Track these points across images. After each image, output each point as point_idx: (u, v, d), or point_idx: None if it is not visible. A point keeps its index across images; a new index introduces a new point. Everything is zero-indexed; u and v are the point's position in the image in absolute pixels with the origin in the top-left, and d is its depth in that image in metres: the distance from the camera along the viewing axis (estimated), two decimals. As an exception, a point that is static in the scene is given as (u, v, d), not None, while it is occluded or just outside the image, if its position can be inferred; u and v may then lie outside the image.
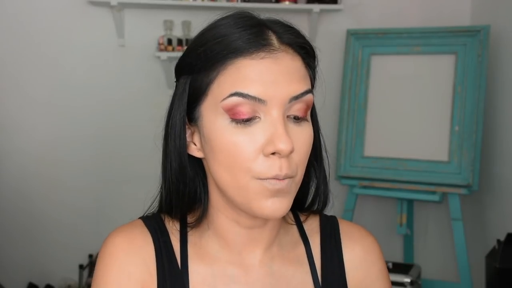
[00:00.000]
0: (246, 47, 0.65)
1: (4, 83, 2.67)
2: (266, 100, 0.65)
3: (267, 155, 0.65)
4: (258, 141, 0.65)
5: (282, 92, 0.65)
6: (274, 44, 0.67)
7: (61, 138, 2.72)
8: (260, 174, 0.65)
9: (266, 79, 0.65)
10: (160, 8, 2.70)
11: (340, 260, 0.78)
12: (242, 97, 0.64)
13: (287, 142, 0.64)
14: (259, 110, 0.65)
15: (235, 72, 0.65)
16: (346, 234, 0.81)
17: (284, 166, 0.65)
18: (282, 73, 0.66)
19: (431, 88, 2.49)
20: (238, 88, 0.64)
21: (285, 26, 0.70)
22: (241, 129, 0.65)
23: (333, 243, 0.79)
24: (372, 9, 2.78)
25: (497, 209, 2.38)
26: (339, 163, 2.60)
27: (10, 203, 2.69)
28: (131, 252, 0.72)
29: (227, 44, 0.65)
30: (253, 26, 0.68)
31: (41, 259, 2.76)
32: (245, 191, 0.66)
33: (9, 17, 2.64)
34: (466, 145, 2.35)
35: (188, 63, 0.69)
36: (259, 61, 0.65)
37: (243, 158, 0.65)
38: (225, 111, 0.65)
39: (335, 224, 0.82)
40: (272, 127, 0.65)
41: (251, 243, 0.74)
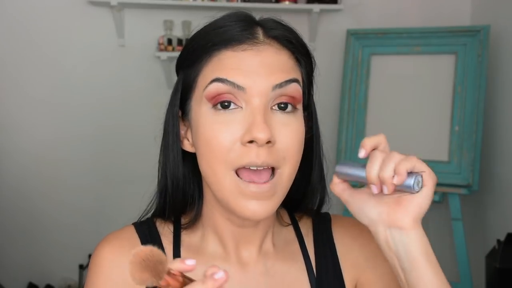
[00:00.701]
0: (230, 40, 0.67)
1: (4, 83, 2.67)
2: (245, 88, 0.65)
3: (244, 144, 0.65)
4: (236, 130, 0.65)
5: (262, 81, 0.66)
6: (259, 38, 0.68)
7: (61, 138, 2.72)
8: (234, 162, 0.65)
9: (246, 69, 0.66)
10: (160, 8, 2.70)
11: (333, 254, 0.78)
12: (221, 82, 0.65)
13: (264, 130, 0.63)
14: (240, 100, 0.66)
15: (217, 62, 0.67)
16: (337, 227, 0.81)
17: (262, 154, 0.64)
18: (263, 64, 0.67)
19: (431, 88, 2.48)
20: (218, 75, 0.66)
21: (276, 22, 0.72)
22: (221, 118, 0.66)
23: (325, 239, 0.79)
24: (372, 9, 2.78)
25: (497, 209, 2.38)
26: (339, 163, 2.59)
27: (10, 202, 2.69)
28: (118, 262, 0.72)
29: (213, 37, 0.68)
30: (242, 20, 0.69)
31: (41, 259, 2.76)
32: (222, 187, 0.66)
33: (9, 17, 2.64)
34: (466, 145, 2.35)
35: (182, 59, 0.72)
36: (240, 53, 0.67)
37: (218, 147, 0.65)
38: (207, 100, 0.67)
39: (327, 220, 0.82)
40: (252, 116, 0.65)
41: (245, 241, 0.75)
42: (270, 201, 0.66)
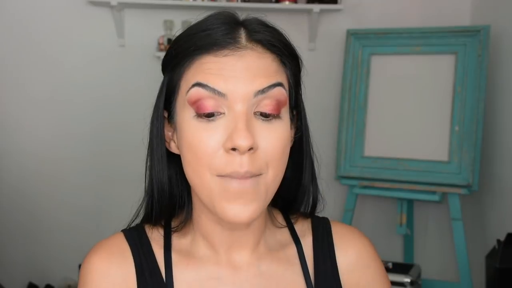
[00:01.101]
0: (211, 45, 0.66)
1: (4, 83, 2.68)
2: (226, 94, 0.64)
3: (227, 151, 0.64)
4: (219, 136, 0.65)
5: (244, 87, 0.65)
6: (241, 42, 0.67)
7: (61, 137, 2.72)
8: (218, 169, 0.65)
9: (227, 74, 0.65)
10: (160, 8, 2.70)
11: (333, 261, 0.77)
12: (202, 87, 0.65)
13: (246, 138, 0.63)
14: (222, 106, 0.65)
15: (199, 66, 0.67)
16: (339, 236, 0.80)
17: (244, 163, 0.64)
18: (245, 69, 0.66)
19: (431, 88, 2.48)
20: (199, 79, 0.66)
21: (260, 24, 0.70)
22: (204, 124, 0.65)
23: (325, 244, 0.78)
24: (372, 9, 2.78)
25: (497, 209, 2.38)
26: (339, 163, 2.60)
27: (10, 202, 2.70)
28: (108, 272, 0.72)
29: (195, 41, 0.67)
30: (226, 23, 0.68)
31: (41, 259, 2.76)
32: (208, 191, 0.66)
33: (10, 17, 2.64)
34: (466, 145, 2.35)
35: (166, 61, 0.72)
36: (221, 58, 0.66)
37: (202, 154, 0.65)
38: (190, 104, 0.66)
39: (327, 225, 0.81)
40: (233, 122, 0.64)
41: (236, 244, 0.74)
42: (254, 203, 0.65)
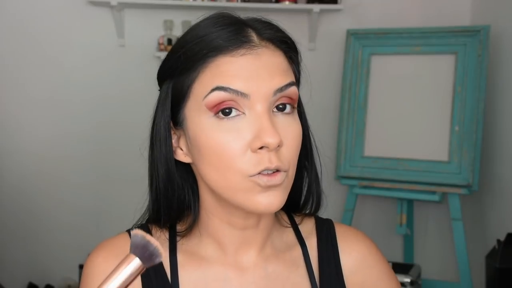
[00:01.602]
0: (226, 45, 0.65)
1: (4, 82, 2.68)
2: (249, 94, 0.64)
3: (254, 150, 0.64)
4: (245, 137, 0.64)
5: (265, 86, 0.65)
6: (254, 41, 0.67)
7: (61, 137, 2.72)
8: (249, 171, 0.64)
9: (247, 74, 0.64)
10: (160, 8, 2.70)
11: (337, 263, 0.77)
12: (223, 91, 0.64)
13: (274, 135, 0.63)
14: (243, 106, 0.64)
15: (216, 69, 0.65)
16: (343, 237, 0.80)
17: (273, 159, 0.64)
18: (264, 67, 0.66)
19: (431, 88, 2.48)
20: (219, 83, 0.64)
21: (264, 22, 0.70)
22: (226, 126, 0.64)
23: (329, 246, 0.78)
24: (372, 9, 2.78)
25: (497, 209, 2.38)
26: (339, 163, 2.60)
27: (10, 202, 2.70)
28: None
29: (207, 43, 0.65)
30: (232, 24, 0.67)
31: (41, 259, 2.76)
32: (236, 190, 0.65)
33: (10, 17, 2.64)
34: (466, 145, 2.35)
35: (169, 67, 0.69)
36: (239, 58, 0.65)
37: (230, 156, 0.64)
38: (208, 109, 0.65)
39: (331, 227, 0.81)
40: (258, 121, 0.64)
41: (245, 244, 0.73)
42: (281, 192, 0.66)
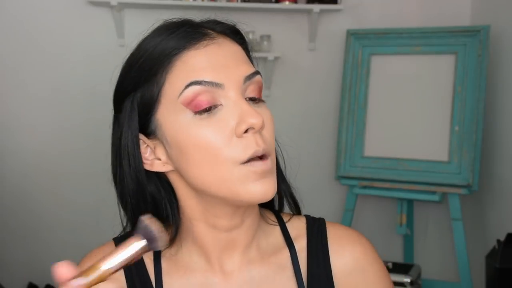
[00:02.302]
0: (188, 40, 0.65)
1: (5, 82, 2.68)
2: (222, 84, 0.64)
3: (240, 135, 0.64)
4: (227, 125, 0.64)
5: (235, 74, 0.65)
6: (211, 33, 0.67)
7: (62, 137, 2.72)
8: (239, 157, 0.64)
9: (216, 64, 0.65)
10: (160, 8, 2.70)
11: (327, 265, 0.75)
12: (198, 84, 0.63)
13: (258, 116, 0.63)
14: (218, 97, 0.64)
15: (183, 66, 0.65)
16: (335, 238, 0.77)
17: (259, 141, 0.64)
18: (229, 56, 0.66)
19: (431, 88, 2.49)
20: (191, 78, 0.64)
21: (212, 20, 0.71)
22: (207, 120, 0.64)
23: (319, 247, 0.75)
24: (372, 9, 2.78)
25: (497, 209, 2.38)
26: (339, 163, 2.60)
27: (11, 201, 2.70)
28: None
29: (166, 45, 0.65)
30: (183, 24, 0.68)
31: (42, 259, 2.76)
32: (230, 182, 0.64)
33: (10, 17, 2.64)
34: (466, 145, 2.35)
35: (129, 83, 0.68)
36: (203, 50, 0.65)
37: (216, 147, 0.64)
38: (185, 106, 0.64)
39: (322, 227, 0.78)
40: (237, 107, 0.64)
41: (229, 246, 0.72)
42: (273, 177, 0.66)
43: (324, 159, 2.81)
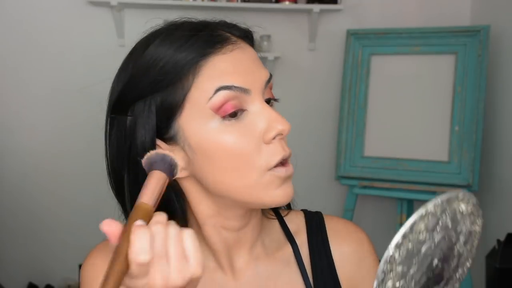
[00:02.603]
0: (213, 44, 0.64)
1: (5, 82, 2.68)
2: (250, 89, 0.64)
3: (269, 141, 0.64)
4: (255, 131, 0.64)
5: (259, 79, 0.66)
6: (232, 37, 0.67)
7: (61, 137, 2.73)
8: (268, 163, 0.64)
9: (243, 69, 0.65)
10: (160, 8, 2.70)
11: (328, 256, 0.77)
12: (228, 89, 0.63)
13: (285, 122, 0.64)
14: (244, 102, 0.64)
15: (212, 70, 0.64)
16: (333, 230, 0.79)
17: (285, 147, 0.65)
18: (251, 61, 0.66)
19: (431, 88, 2.49)
20: (220, 83, 0.63)
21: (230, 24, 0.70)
22: (235, 125, 0.63)
23: (320, 240, 0.78)
24: (372, 9, 2.78)
25: (497, 209, 2.38)
26: (339, 163, 2.60)
27: (11, 201, 2.70)
28: None
29: (193, 48, 0.64)
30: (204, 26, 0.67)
31: (41, 259, 2.76)
32: (256, 188, 0.65)
33: (10, 17, 2.64)
34: (466, 145, 2.35)
35: (148, 84, 0.64)
36: (230, 54, 0.65)
37: (247, 154, 0.63)
38: (214, 111, 0.63)
39: (320, 220, 0.80)
40: (263, 113, 0.65)
41: (237, 245, 0.73)
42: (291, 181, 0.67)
43: (324, 159, 2.81)
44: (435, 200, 0.53)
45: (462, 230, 0.57)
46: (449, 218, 0.54)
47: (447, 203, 0.54)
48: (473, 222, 0.58)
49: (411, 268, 0.54)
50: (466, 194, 0.56)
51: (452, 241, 0.56)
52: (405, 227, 0.52)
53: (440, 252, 0.55)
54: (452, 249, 0.57)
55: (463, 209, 0.56)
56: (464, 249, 0.59)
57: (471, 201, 0.56)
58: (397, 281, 0.53)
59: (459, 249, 0.58)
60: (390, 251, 0.52)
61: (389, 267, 0.52)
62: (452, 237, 0.56)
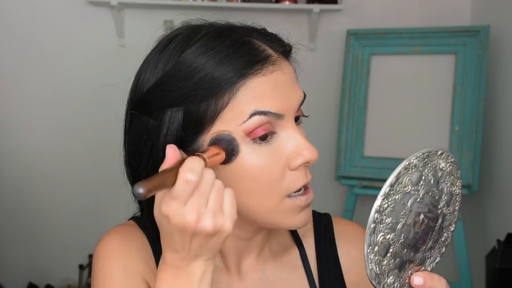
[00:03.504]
0: (253, 65, 0.62)
1: (5, 82, 2.68)
2: (284, 115, 0.63)
3: (295, 168, 0.63)
4: (283, 157, 0.63)
5: (293, 102, 0.64)
6: (272, 54, 0.64)
7: (61, 137, 2.72)
8: (289, 189, 0.64)
9: (280, 93, 0.63)
10: (160, 8, 2.70)
11: (335, 259, 0.77)
12: (263, 115, 0.61)
13: (314, 151, 0.64)
14: (275, 126, 0.63)
15: (250, 92, 0.61)
16: (341, 234, 0.79)
17: (308, 174, 0.65)
18: (288, 82, 0.65)
19: (431, 88, 2.49)
20: (257, 107, 0.61)
21: (267, 33, 0.68)
22: (264, 149, 0.62)
23: (327, 242, 0.78)
24: (372, 9, 2.78)
25: (497, 209, 2.38)
26: (339, 163, 2.60)
27: (10, 202, 2.70)
28: (131, 253, 0.70)
29: (233, 66, 0.61)
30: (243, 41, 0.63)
31: (41, 259, 2.76)
32: (275, 212, 0.64)
33: (10, 17, 2.64)
34: (466, 145, 2.35)
35: (180, 94, 0.62)
36: (269, 76, 0.62)
37: (273, 179, 0.63)
38: (246, 134, 0.61)
39: (329, 223, 0.80)
40: (292, 139, 0.64)
41: (247, 251, 0.73)
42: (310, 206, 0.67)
43: (324, 159, 2.81)
44: (417, 153, 0.57)
45: (443, 189, 0.59)
46: (431, 174, 0.58)
47: (428, 157, 0.57)
48: (453, 184, 0.61)
49: (399, 223, 0.56)
50: (445, 152, 0.59)
51: (435, 198, 0.59)
52: (390, 178, 0.55)
53: (425, 208, 0.58)
54: (436, 207, 0.59)
55: (442, 166, 0.59)
56: (447, 211, 0.61)
57: (450, 160, 0.59)
58: (388, 234, 0.56)
59: (443, 209, 0.60)
60: (378, 201, 0.55)
61: (378, 217, 0.55)
62: (435, 195, 0.59)
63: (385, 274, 0.58)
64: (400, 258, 0.58)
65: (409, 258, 0.59)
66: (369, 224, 0.55)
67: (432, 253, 0.62)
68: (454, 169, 0.60)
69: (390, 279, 0.58)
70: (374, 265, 0.56)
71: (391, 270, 0.58)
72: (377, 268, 0.57)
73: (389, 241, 0.56)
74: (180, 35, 0.66)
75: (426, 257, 0.62)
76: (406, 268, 0.59)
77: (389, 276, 0.58)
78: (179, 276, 0.58)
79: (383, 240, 0.56)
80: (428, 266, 0.62)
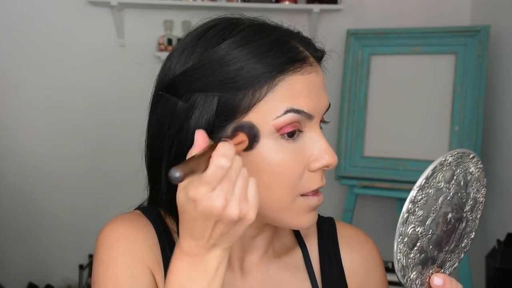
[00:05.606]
0: (294, 63, 0.63)
1: (4, 83, 2.68)
2: (314, 116, 0.65)
3: (314, 170, 0.64)
4: (305, 157, 0.64)
5: (322, 105, 0.66)
6: (311, 57, 0.67)
7: (61, 138, 2.72)
8: (304, 190, 0.65)
9: (314, 95, 0.65)
10: (160, 8, 2.70)
11: (338, 263, 0.77)
12: (297, 113, 0.62)
13: (334, 157, 0.65)
14: (303, 124, 0.64)
15: (287, 89, 0.62)
16: (344, 238, 0.79)
17: (324, 177, 0.66)
18: (321, 85, 0.67)
19: (431, 88, 2.49)
20: (292, 104, 0.62)
21: (303, 38, 0.71)
22: (290, 146, 0.63)
23: (330, 246, 0.78)
24: (372, 9, 2.78)
25: (497, 209, 2.38)
26: (339, 163, 2.60)
27: (10, 202, 2.70)
28: (138, 240, 0.69)
29: (276, 61, 0.62)
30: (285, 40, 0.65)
31: (41, 259, 2.76)
32: (287, 210, 0.65)
33: (10, 17, 2.64)
34: (466, 145, 2.35)
35: (217, 80, 0.62)
36: (307, 76, 0.64)
37: (292, 177, 0.63)
38: (276, 129, 0.62)
39: (333, 226, 0.80)
40: (316, 141, 0.65)
41: (250, 250, 0.73)
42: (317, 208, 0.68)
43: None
44: (452, 151, 0.58)
45: (470, 193, 0.60)
46: (461, 176, 0.59)
47: (461, 158, 0.58)
48: (479, 190, 0.62)
49: (429, 217, 0.57)
50: (476, 157, 0.60)
51: (462, 200, 0.59)
52: (427, 171, 0.57)
53: (453, 208, 0.59)
54: (462, 209, 0.60)
55: (472, 170, 0.60)
56: (470, 217, 0.62)
57: (479, 166, 0.60)
58: (418, 227, 0.57)
59: (467, 214, 0.61)
60: (414, 191, 0.56)
61: (412, 208, 0.56)
62: (463, 197, 0.60)
63: (410, 268, 0.58)
64: (425, 254, 0.59)
65: (432, 256, 0.59)
66: (402, 214, 0.56)
67: (452, 257, 0.63)
68: (481, 176, 0.61)
69: (413, 274, 0.59)
70: (402, 256, 0.57)
71: (416, 265, 0.58)
72: (404, 259, 0.57)
73: (418, 235, 0.57)
74: (221, 24, 0.67)
75: (447, 260, 0.62)
76: (428, 266, 0.60)
77: (413, 271, 0.58)
78: (195, 265, 0.58)
79: (413, 232, 0.56)
80: (447, 269, 0.63)
